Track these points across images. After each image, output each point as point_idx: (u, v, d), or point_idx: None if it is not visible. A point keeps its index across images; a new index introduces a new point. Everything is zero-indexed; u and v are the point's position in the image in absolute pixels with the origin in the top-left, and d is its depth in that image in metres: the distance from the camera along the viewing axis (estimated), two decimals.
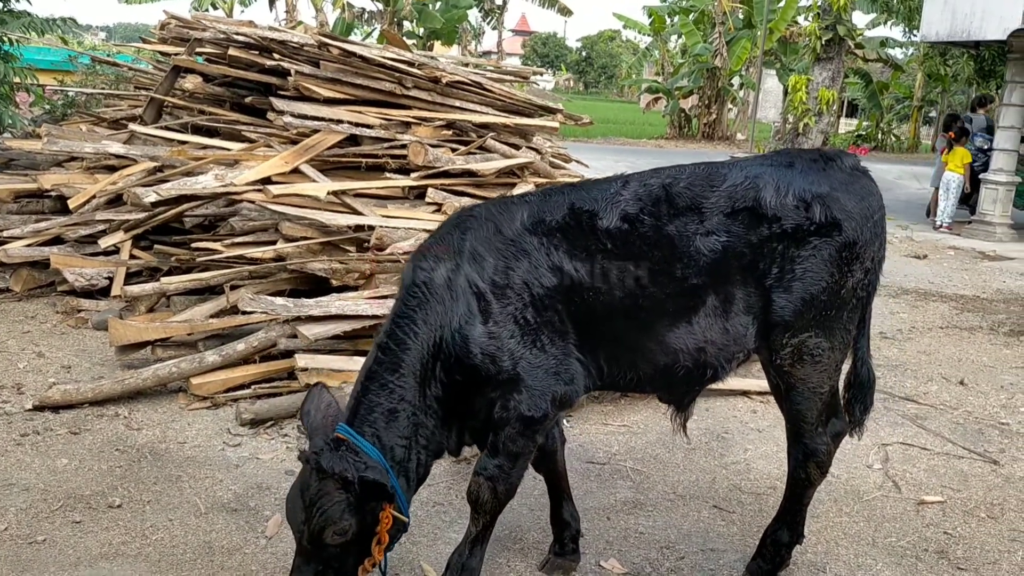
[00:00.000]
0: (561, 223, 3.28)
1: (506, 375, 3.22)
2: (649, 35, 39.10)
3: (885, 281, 9.94)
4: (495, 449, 3.33)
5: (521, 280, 3.22)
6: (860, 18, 38.44)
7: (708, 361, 3.38)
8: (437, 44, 33.28)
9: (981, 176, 15.22)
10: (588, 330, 3.30)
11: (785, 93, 26.11)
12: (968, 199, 15.77)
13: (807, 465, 3.60)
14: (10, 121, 9.00)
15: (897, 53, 37.50)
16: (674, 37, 38.75)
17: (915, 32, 31.24)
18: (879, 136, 37.57)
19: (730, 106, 36.69)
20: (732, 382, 5.97)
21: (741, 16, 32.88)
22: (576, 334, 3.30)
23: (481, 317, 3.20)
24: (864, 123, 39.40)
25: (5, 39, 9.10)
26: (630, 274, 3.24)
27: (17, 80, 9.31)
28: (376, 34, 32.25)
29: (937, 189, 16.09)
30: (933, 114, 39.90)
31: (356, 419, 3.23)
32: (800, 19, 31.52)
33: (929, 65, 34.65)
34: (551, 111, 9.04)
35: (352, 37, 20.40)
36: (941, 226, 15.41)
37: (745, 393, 6.06)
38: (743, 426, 5.60)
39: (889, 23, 33.44)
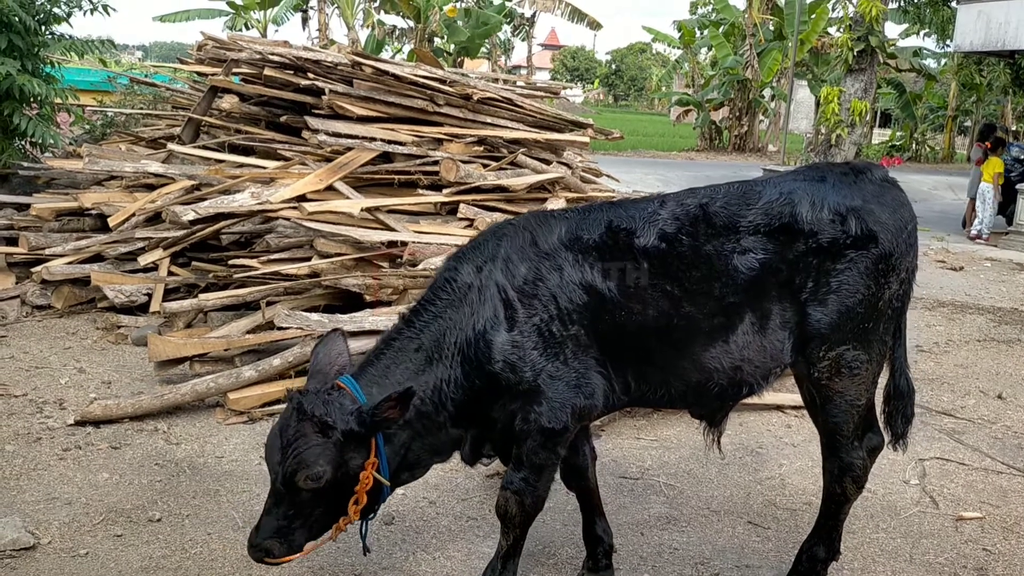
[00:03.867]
0: (598, 241, 3.31)
1: (526, 385, 3.24)
2: (679, 48, 39.12)
3: (921, 293, 9.96)
4: (519, 463, 3.36)
5: (550, 293, 3.25)
6: (892, 28, 38.13)
7: (744, 379, 3.39)
8: (466, 60, 33.49)
9: (1018, 186, 15.03)
10: (616, 347, 3.31)
11: (817, 104, 25.96)
12: (1004, 209, 15.59)
13: (843, 480, 3.58)
14: (51, 141, 9.18)
15: (930, 63, 37.18)
16: (704, 49, 38.73)
17: (948, 42, 30.95)
18: (913, 146, 37.23)
19: (761, 118, 36.54)
20: (766, 396, 5.95)
21: (772, 28, 32.78)
22: (601, 350, 3.30)
23: (507, 325, 3.23)
24: (898, 133, 39.10)
25: (47, 61, 9.30)
26: (666, 294, 3.26)
27: (58, 101, 9.49)
28: (407, 50, 32.52)
29: (972, 200, 15.92)
30: (968, 124, 39.47)
31: (363, 376, 3.28)
32: (831, 30, 31.36)
33: (964, 75, 34.31)
34: (581, 126, 9.08)
35: (383, 54, 20.60)
36: (978, 236, 15.22)
37: (779, 407, 6.03)
38: (778, 441, 5.58)
39: (922, 33, 33.15)
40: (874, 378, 3.51)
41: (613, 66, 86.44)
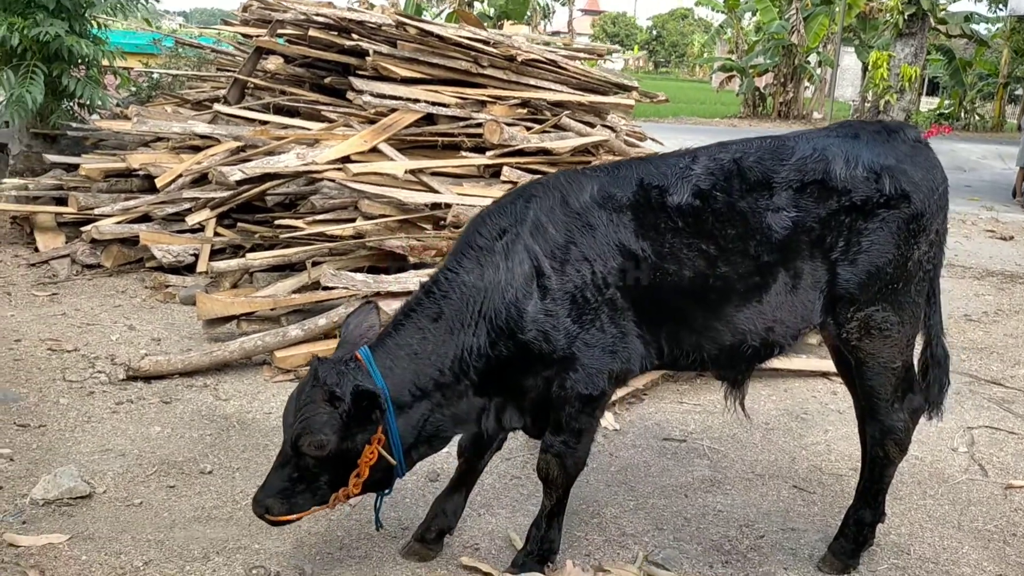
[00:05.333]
0: (631, 199, 3.23)
1: (560, 353, 3.18)
2: (723, 12, 38.46)
3: (970, 263, 9.81)
4: (558, 427, 3.33)
5: (583, 257, 3.17)
6: None
7: (775, 340, 3.37)
8: (507, 23, 33.22)
9: None
10: (650, 310, 3.25)
11: (864, 71, 25.42)
12: None
13: (885, 443, 3.56)
14: (100, 102, 9.28)
15: (981, 28, 36.15)
16: (748, 14, 38.05)
17: (1001, 6, 30.11)
18: (962, 115, 36.36)
19: (806, 84, 35.89)
20: (812, 363, 5.95)
21: None
22: (636, 312, 3.24)
23: (539, 293, 3.15)
24: (946, 101, 38.17)
25: (94, 23, 9.37)
26: (701, 253, 3.20)
27: (105, 63, 9.58)
28: (446, 15, 32.31)
29: (1022, 168, 15.57)
30: (1020, 92, 38.45)
31: (380, 348, 3.22)
32: None
33: (1016, 40, 33.40)
34: (626, 88, 8.99)
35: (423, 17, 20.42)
36: None
37: (825, 374, 5.96)
38: (823, 407, 5.54)
39: None
40: (908, 340, 3.47)
41: (654, 32, 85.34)
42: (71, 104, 9.67)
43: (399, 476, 3.31)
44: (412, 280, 5.76)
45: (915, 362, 3.70)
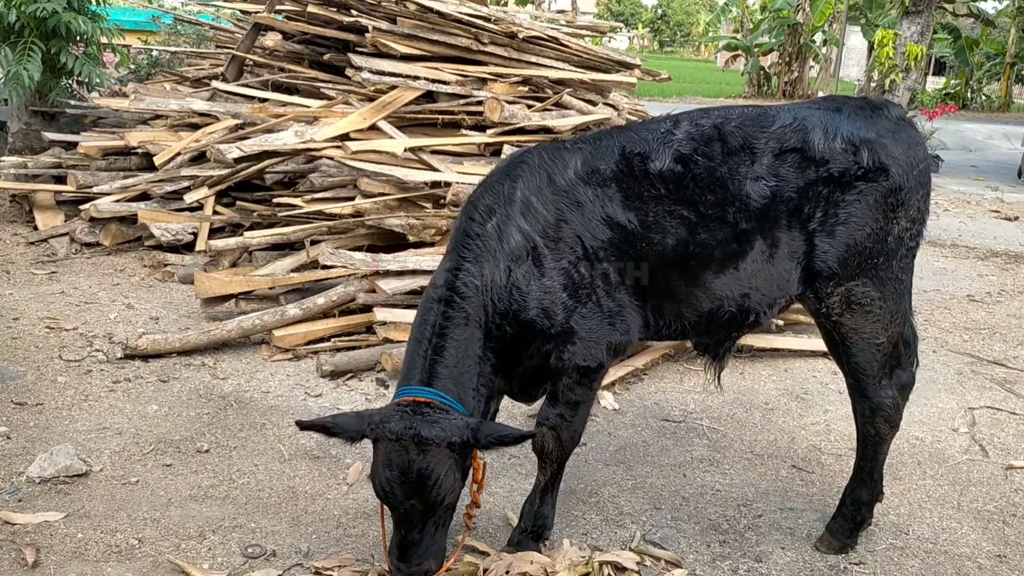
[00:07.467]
0: (614, 170, 3.24)
1: (559, 328, 3.21)
2: None
3: (974, 243, 9.77)
4: (555, 399, 3.35)
5: (574, 233, 3.19)
6: None
7: (751, 307, 3.38)
8: (511, 3, 33.02)
9: None
10: (639, 280, 3.27)
11: (870, 50, 25.21)
12: None
13: (875, 420, 3.56)
14: (98, 80, 9.20)
15: (988, 7, 35.80)
16: None
17: None
18: (968, 95, 36.08)
19: (812, 63, 35.62)
20: (813, 343, 5.91)
21: None
22: (628, 283, 3.27)
23: (537, 272, 3.18)
24: (952, 81, 37.87)
25: None
26: (682, 220, 3.21)
27: (104, 40, 9.49)
28: None
29: None
30: None
31: (436, 380, 3.11)
32: None
33: (1023, 20, 33.08)
34: (629, 66, 8.91)
35: None
36: None
37: (826, 355, 5.91)
38: (823, 387, 5.51)
39: None
40: (892, 316, 3.45)
41: (659, 11, 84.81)
42: (70, 82, 9.59)
43: None
44: (411, 259, 5.72)
45: None
